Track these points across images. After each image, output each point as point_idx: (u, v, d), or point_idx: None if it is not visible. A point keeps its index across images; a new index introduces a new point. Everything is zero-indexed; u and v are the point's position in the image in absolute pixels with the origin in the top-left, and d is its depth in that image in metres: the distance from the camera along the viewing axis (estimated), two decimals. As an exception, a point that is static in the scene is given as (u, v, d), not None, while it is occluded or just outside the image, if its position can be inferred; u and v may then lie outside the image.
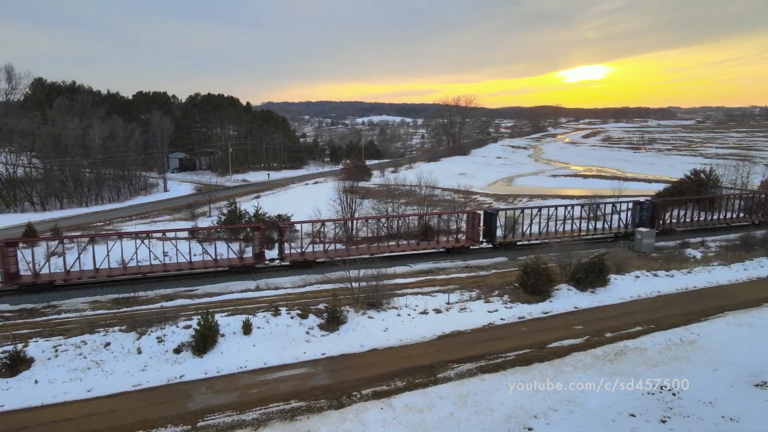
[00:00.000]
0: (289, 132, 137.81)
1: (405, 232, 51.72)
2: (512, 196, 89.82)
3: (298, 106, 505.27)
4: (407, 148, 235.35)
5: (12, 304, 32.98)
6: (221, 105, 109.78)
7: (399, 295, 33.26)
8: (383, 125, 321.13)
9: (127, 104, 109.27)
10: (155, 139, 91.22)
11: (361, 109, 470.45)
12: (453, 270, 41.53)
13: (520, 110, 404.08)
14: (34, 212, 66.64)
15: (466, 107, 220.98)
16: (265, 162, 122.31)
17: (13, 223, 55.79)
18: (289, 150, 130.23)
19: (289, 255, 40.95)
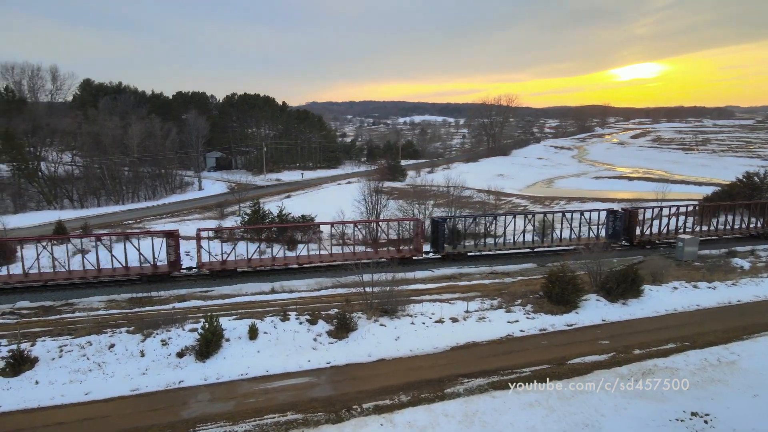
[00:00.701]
0: (325, 131, 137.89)
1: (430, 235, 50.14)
2: (549, 199, 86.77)
3: (342, 106, 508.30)
4: (447, 149, 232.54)
5: (32, 301, 33.38)
6: (256, 104, 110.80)
7: (416, 302, 31.91)
8: (424, 125, 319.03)
9: (167, 104, 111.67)
10: (191, 138, 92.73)
11: (403, 109, 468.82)
12: (477, 276, 39.81)
13: (566, 110, 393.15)
14: (73, 209, 68.64)
15: (507, 106, 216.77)
16: (300, 161, 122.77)
17: (49, 220, 57.32)
18: (324, 150, 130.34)
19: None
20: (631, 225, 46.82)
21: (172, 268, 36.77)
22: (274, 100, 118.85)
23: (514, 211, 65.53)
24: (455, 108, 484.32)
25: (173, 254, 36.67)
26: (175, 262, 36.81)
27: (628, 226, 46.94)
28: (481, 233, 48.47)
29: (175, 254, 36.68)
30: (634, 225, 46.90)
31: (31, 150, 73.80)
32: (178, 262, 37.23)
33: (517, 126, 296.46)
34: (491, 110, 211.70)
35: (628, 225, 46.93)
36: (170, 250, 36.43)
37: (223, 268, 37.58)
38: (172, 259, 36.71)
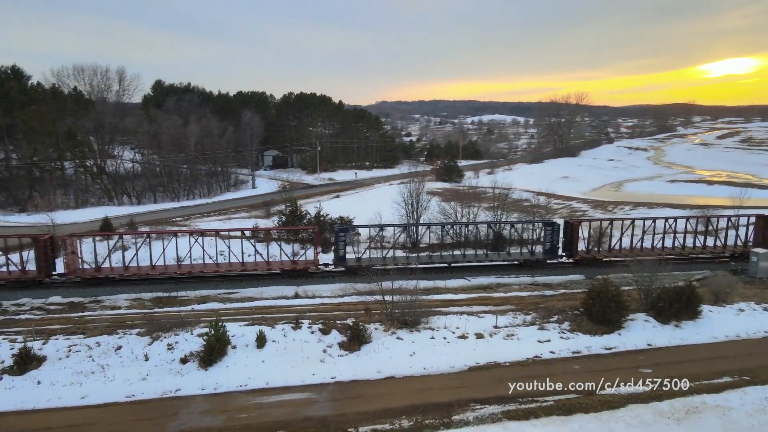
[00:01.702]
0: (382, 131, 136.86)
1: (474, 240, 47.45)
2: (613, 204, 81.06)
3: (411, 105, 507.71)
4: (512, 149, 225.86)
5: (63, 297, 34.01)
6: (312, 103, 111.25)
7: (441, 314, 29.74)
8: (492, 125, 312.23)
9: (227, 103, 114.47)
10: (246, 136, 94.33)
11: (473, 108, 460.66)
12: (515, 287, 36.99)
13: (645, 109, 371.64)
14: (130, 206, 71.26)
15: (577, 105, 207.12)
16: (356, 161, 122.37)
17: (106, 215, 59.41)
18: (381, 149, 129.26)
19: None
20: (572, 239, 41.50)
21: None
22: (330, 99, 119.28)
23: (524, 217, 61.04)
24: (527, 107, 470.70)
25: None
26: None
27: (569, 240, 41.81)
28: (530, 240, 45.38)
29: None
30: (575, 239, 41.53)
31: (95, 148, 77.49)
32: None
33: (590, 125, 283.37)
34: (559, 109, 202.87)
35: (569, 239, 41.81)
36: None
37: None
38: None
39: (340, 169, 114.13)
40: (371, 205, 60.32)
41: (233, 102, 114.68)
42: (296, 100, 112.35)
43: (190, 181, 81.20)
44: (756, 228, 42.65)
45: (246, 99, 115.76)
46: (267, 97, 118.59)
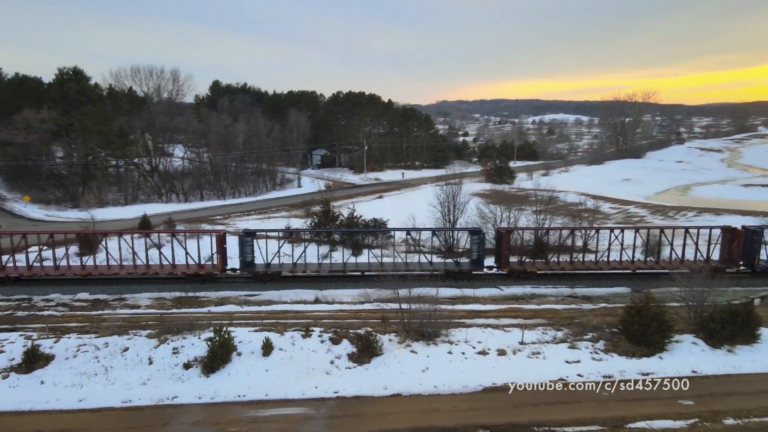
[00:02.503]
0: (432, 130, 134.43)
1: (514, 246, 44.87)
2: (675, 209, 75.46)
3: (471, 105, 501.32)
4: (572, 150, 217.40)
5: (90, 294, 34.41)
6: (360, 102, 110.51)
7: (464, 326, 27.75)
8: (553, 124, 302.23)
9: (278, 103, 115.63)
10: (292, 136, 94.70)
11: (536, 107, 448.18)
12: (551, 298, 34.35)
13: (724, 107, 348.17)
14: (176, 203, 72.89)
15: (643, 103, 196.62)
16: (405, 161, 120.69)
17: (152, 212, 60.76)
18: (431, 149, 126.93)
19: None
20: (502, 249, 37.90)
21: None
22: (379, 98, 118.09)
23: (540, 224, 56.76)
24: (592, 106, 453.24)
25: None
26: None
27: (499, 249, 38.33)
28: (577, 247, 42.36)
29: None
30: (505, 249, 37.89)
31: (150, 147, 79.94)
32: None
33: (659, 125, 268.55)
34: (624, 108, 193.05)
35: (499, 249, 38.30)
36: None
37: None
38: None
39: (389, 169, 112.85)
40: (412, 206, 58.63)
41: (283, 101, 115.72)
42: (345, 99, 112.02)
43: (237, 179, 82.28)
44: (722, 241, 38.81)
45: (296, 98, 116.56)
46: (317, 96, 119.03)
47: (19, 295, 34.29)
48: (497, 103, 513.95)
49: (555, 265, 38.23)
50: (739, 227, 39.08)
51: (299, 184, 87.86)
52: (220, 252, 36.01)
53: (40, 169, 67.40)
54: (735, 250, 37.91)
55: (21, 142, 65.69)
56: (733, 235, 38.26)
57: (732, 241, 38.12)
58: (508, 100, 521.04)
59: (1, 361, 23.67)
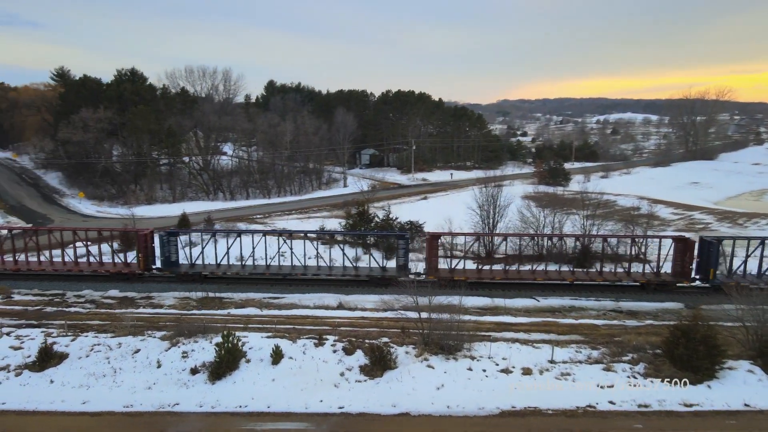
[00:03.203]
0: (485, 130, 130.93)
1: (558, 253, 42.20)
2: (747, 216, 69.40)
3: (533, 104, 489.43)
4: (637, 150, 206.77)
5: (120, 291, 34.75)
6: (409, 101, 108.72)
7: (490, 339, 25.87)
8: (619, 124, 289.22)
9: (327, 102, 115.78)
10: (338, 135, 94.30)
11: (602, 106, 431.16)
12: (592, 312, 31.71)
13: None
14: (222, 201, 73.98)
15: (716, 101, 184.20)
16: (455, 161, 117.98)
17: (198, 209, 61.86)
18: (483, 149, 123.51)
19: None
20: (429, 254, 35.60)
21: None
22: (429, 96, 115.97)
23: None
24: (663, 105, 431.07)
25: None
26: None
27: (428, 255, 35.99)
28: (628, 255, 39.21)
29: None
30: (432, 254, 35.48)
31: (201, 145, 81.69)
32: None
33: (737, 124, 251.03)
34: (694, 106, 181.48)
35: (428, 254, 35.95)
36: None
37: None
38: None
39: (438, 169, 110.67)
40: (455, 208, 56.63)
41: (333, 100, 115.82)
42: (393, 97, 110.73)
43: (283, 178, 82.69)
44: (674, 253, 35.67)
45: (345, 97, 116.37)
46: (367, 96, 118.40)
47: (55, 291, 35.13)
48: (561, 102, 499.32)
49: (487, 273, 36.20)
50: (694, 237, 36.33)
51: (345, 183, 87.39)
52: (143, 251, 35.72)
53: (95, 167, 70.12)
54: (687, 262, 34.68)
55: (78, 140, 68.54)
56: (685, 246, 34.86)
57: (684, 253, 34.79)
58: (573, 99, 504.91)
59: (18, 358, 23.86)
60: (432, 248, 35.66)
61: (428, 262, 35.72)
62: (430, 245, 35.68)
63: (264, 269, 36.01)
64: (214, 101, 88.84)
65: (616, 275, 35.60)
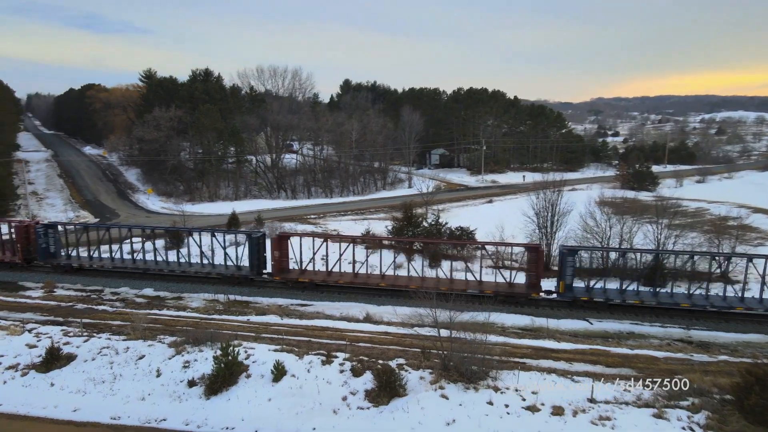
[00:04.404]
0: (565, 129, 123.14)
1: (629, 267, 37.36)
2: None
3: (631, 102, 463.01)
4: (745, 152, 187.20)
5: (155, 290, 34.65)
6: (481, 99, 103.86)
7: (522, 367, 22.65)
8: (727, 123, 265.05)
9: (398, 100, 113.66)
10: (404, 134, 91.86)
11: (708, 104, 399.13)
12: (653, 341, 27.29)
13: None
14: (283, 200, 74.12)
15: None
16: (531, 162, 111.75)
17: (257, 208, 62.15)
18: (562, 149, 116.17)
19: None
20: (280, 256, 35.19)
21: None
22: (504, 94, 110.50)
23: None
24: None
25: None
26: None
27: (258, 255, 35.53)
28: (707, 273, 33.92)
29: None
30: (281, 255, 34.91)
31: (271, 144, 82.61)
32: None
33: None
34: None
35: (258, 253, 35.50)
36: None
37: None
38: None
39: (511, 170, 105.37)
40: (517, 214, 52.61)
41: (403, 99, 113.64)
42: (465, 95, 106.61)
43: (347, 177, 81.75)
44: (528, 263, 33.85)
45: (416, 95, 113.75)
46: (439, 93, 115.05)
47: (95, 286, 35.66)
48: (661, 99, 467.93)
49: (336, 276, 34.86)
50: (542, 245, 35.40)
51: (410, 184, 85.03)
52: (22, 243, 37.88)
53: (166, 164, 72.68)
54: (539, 272, 32.79)
55: (151, 138, 71.31)
56: (537, 255, 32.52)
57: (536, 263, 32.55)
58: (675, 97, 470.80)
59: (29, 357, 23.71)
60: (281, 248, 35.04)
61: (275, 263, 34.95)
62: (278, 246, 34.87)
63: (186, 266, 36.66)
64: (282, 100, 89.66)
65: (468, 284, 33.13)
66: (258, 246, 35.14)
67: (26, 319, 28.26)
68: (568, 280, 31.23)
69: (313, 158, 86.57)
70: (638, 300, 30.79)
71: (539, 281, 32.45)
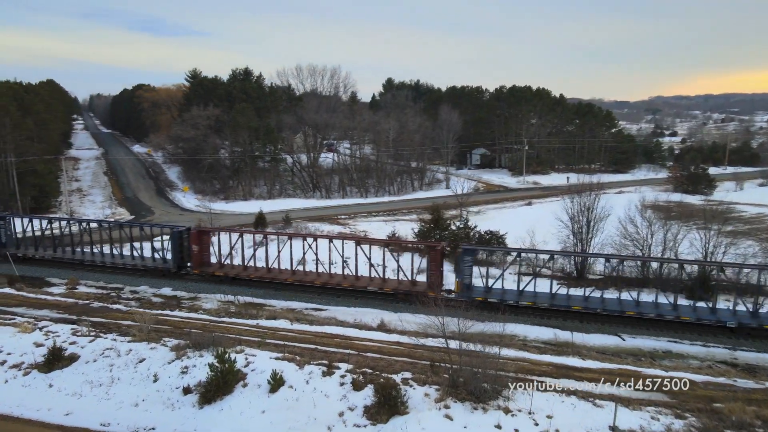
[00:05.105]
0: (615, 129, 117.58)
1: (668, 278, 34.57)
2: None
3: (693, 100, 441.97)
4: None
5: (173, 289, 34.42)
6: (524, 97, 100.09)
7: (539, 386, 20.73)
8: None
9: (438, 98, 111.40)
10: (442, 133, 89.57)
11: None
12: (692, 362, 24.70)
13: None
14: (318, 199, 73.51)
15: None
16: (577, 163, 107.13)
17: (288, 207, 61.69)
18: (612, 150, 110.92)
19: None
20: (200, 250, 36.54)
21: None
22: (549, 92, 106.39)
23: None
24: None
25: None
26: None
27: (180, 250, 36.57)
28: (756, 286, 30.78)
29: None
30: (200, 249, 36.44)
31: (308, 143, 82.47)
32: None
33: None
34: None
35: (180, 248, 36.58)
36: None
37: None
38: None
39: (555, 171, 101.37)
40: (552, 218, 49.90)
41: (444, 97, 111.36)
42: (508, 93, 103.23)
43: (385, 177, 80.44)
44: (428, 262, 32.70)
45: (457, 94, 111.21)
46: (481, 92, 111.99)
47: (116, 284, 35.77)
48: (726, 98, 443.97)
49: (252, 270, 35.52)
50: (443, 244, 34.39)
51: (447, 185, 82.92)
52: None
53: (203, 162, 73.50)
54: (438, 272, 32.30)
55: (188, 137, 72.32)
56: (437, 254, 31.83)
57: (435, 261, 31.94)
58: (741, 95, 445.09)
59: (34, 356, 23.57)
60: (201, 243, 36.15)
61: (194, 256, 35.97)
62: (197, 240, 35.91)
63: None
64: (319, 98, 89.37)
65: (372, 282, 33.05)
66: (181, 240, 36.27)
67: (41, 317, 28.39)
68: (466, 279, 30.92)
69: (350, 157, 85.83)
70: (532, 302, 30.23)
71: (439, 280, 32.11)
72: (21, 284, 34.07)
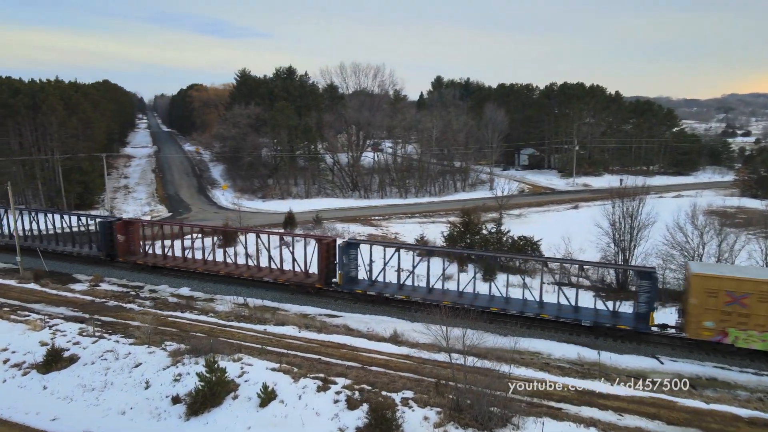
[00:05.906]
0: (677, 128, 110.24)
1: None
2: None
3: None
4: None
5: (192, 289, 34.00)
6: (576, 95, 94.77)
7: (554, 415, 18.57)
8: None
9: (486, 97, 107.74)
10: (487, 132, 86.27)
11: None
12: (741, 393, 21.65)
13: None
14: (356, 199, 72.30)
15: None
16: (634, 164, 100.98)
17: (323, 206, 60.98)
18: (673, 150, 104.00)
19: None
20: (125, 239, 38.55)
21: None
22: (603, 89, 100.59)
23: None
24: None
25: None
26: None
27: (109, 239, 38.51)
28: None
29: None
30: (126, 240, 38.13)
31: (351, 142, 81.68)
32: None
33: None
34: None
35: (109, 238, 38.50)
36: None
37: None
38: None
39: (609, 173, 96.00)
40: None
41: (492, 95, 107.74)
42: (558, 91, 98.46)
43: (427, 177, 78.39)
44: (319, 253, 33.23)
45: (506, 92, 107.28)
46: (531, 89, 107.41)
47: (137, 282, 35.73)
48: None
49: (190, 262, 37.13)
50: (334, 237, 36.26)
51: (491, 186, 79.87)
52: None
53: (243, 160, 73.92)
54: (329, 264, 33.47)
55: (228, 135, 72.92)
56: (328, 246, 33.26)
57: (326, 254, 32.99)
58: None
59: (36, 356, 23.34)
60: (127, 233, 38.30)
61: (120, 246, 37.80)
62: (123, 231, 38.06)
63: None
64: (362, 97, 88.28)
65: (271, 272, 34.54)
66: (111, 231, 38.02)
67: (56, 314, 28.42)
68: (352, 272, 32.62)
69: (392, 156, 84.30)
70: (405, 295, 30.74)
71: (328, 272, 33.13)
72: (46, 280, 34.49)
